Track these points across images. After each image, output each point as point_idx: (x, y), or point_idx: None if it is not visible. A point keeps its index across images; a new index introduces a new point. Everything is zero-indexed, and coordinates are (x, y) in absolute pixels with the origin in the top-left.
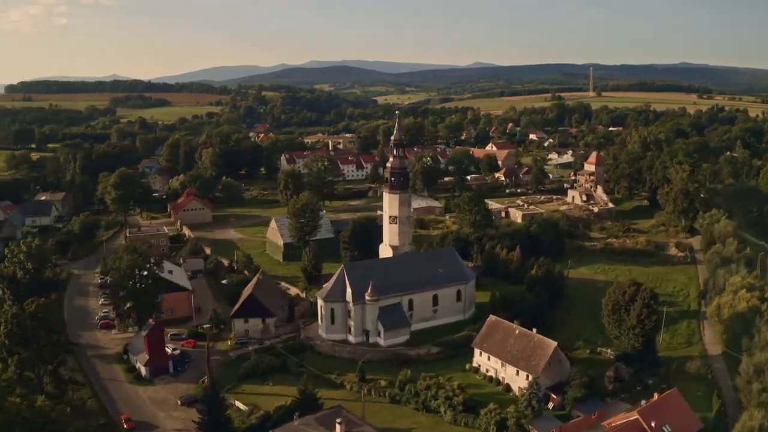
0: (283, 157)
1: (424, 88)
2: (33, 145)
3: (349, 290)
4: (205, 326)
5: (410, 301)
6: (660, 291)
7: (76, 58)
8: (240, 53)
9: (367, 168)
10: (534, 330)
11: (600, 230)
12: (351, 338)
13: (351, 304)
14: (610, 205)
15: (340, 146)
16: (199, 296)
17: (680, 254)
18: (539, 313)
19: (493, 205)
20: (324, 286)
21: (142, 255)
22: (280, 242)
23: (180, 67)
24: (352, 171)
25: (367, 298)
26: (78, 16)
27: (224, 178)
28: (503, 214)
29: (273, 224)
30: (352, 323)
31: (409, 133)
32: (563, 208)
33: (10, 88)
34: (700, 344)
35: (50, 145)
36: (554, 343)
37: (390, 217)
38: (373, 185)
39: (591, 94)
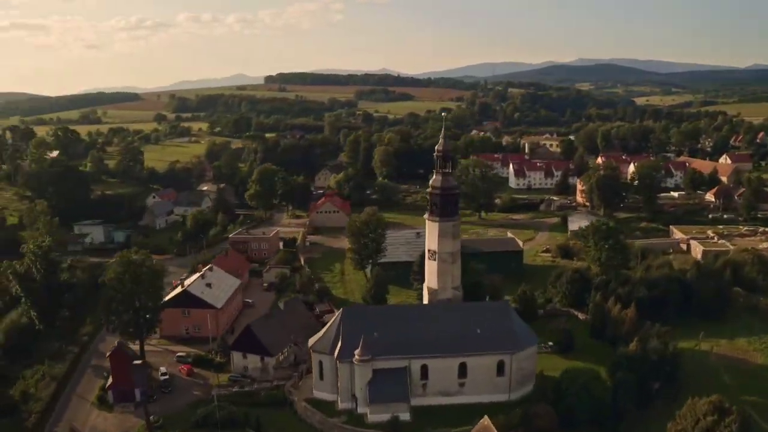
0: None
1: (693, 90)
2: (249, 134)
3: (340, 342)
4: (214, 353)
5: (424, 368)
6: None
7: (349, 52)
8: (506, 50)
9: (557, 176)
10: None
11: None
12: (339, 402)
13: (337, 361)
14: None
15: (552, 147)
16: (256, 313)
17: None
18: (614, 414)
19: (675, 233)
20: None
21: (140, 266)
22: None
23: (445, 63)
24: (539, 178)
25: (356, 356)
26: (353, 13)
27: (380, 179)
28: (684, 247)
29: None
30: (339, 384)
31: (630, 138)
32: (766, 245)
33: (269, 79)
34: None
35: (267, 135)
36: None
37: (428, 251)
38: (546, 197)
39: None
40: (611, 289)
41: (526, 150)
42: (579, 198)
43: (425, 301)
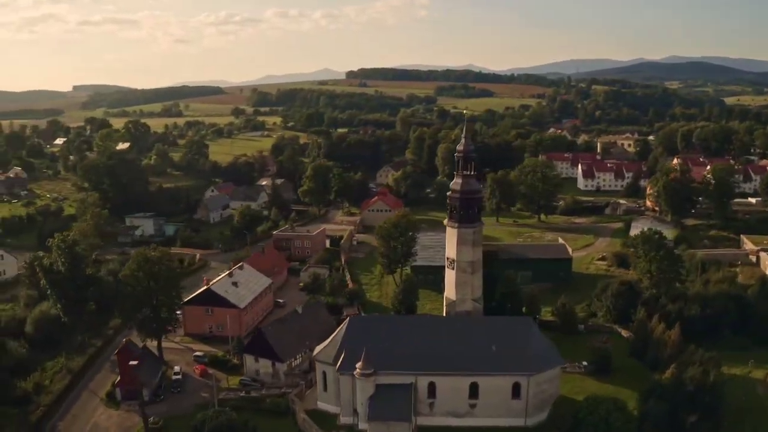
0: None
1: None
2: (316, 129)
3: (343, 353)
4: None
5: (431, 385)
6: None
7: (433, 48)
8: (594, 47)
9: (627, 177)
10: None
11: None
12: (341, 416)
13: (339, 373)
14: None
15: (629, 147)
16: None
17: None
18: None
19: (746, 244)
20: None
21: (156, 265)
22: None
23: (530, 59)
24: (609, 180)
25: (357, 369)
26: (438, 8)
27: (440, 177)
28: (753, 259)
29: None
30: (341, 397)
31: (711, 139)
32: None
33: (350, 74)
34: None
35: (339, 130)
36: None
37: (447, 260)
38: (612, 200)
39: None
40: (660, 305)
41: (599, 149)
42: (648, 202)
43: (444, 312)
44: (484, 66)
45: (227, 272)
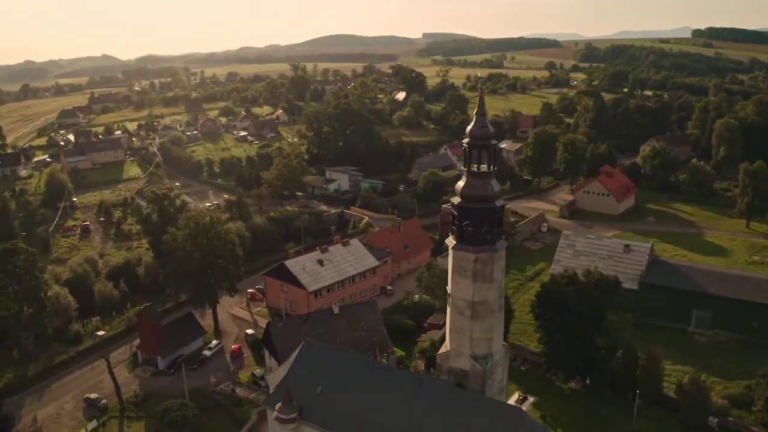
0: None
1: None
2: (625, 89)
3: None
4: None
5: None
6: None
7: None
8: None
9: None
10: None
11: None
12: None
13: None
14: None
15: None
16: (388, 302)
17: None
18: None
19: None
20: None
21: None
22: None
23: None
24: None
25: (276, 410)
26: None
27: (694, 161)
28: None
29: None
30: None
31: None
32: None
33: (696, 33)
34: None
35: (647, 92)
36: None
37: (448, 294)
38: None
39: None
40: None
41: None
42: None
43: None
44: None
45: (322, 247)
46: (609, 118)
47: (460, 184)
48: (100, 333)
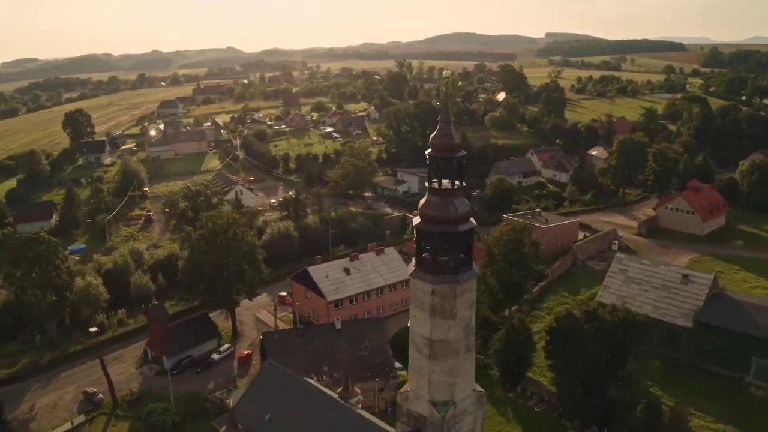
0: None
1: None
2: (743, 97)
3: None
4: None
5: None
6: None
7: None
8: None
9: None
10: None
11: None
12: None
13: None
14: None
15: None
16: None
17: None
18: None
19: None
20: None
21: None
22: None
23: None
24: None
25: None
26: None
27: None
28: None
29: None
30: None
31: None
32: None
33: None
34: None
35: (766, 101)
36: None
37: (411, 332)
38: None
39: None
40: None
41: None
42: None
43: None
44: None
45: (352, 255)
46: (715, 127)
47: (423, 202)
48: (107, 329)
